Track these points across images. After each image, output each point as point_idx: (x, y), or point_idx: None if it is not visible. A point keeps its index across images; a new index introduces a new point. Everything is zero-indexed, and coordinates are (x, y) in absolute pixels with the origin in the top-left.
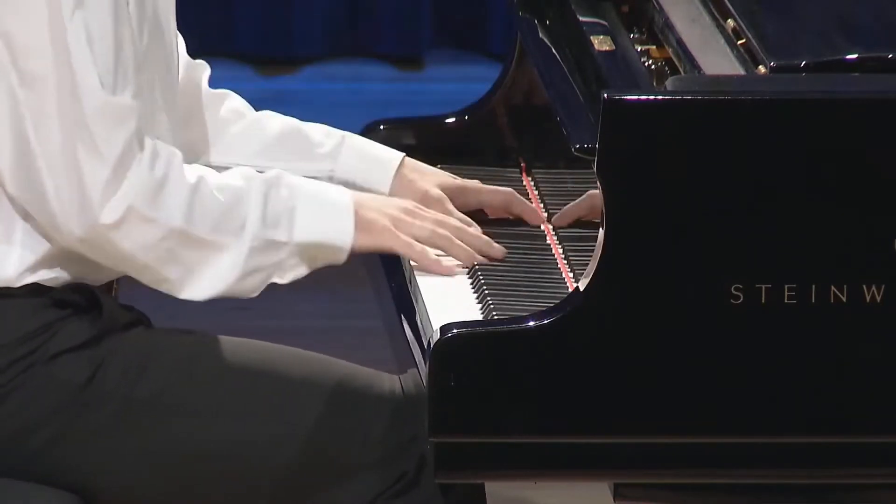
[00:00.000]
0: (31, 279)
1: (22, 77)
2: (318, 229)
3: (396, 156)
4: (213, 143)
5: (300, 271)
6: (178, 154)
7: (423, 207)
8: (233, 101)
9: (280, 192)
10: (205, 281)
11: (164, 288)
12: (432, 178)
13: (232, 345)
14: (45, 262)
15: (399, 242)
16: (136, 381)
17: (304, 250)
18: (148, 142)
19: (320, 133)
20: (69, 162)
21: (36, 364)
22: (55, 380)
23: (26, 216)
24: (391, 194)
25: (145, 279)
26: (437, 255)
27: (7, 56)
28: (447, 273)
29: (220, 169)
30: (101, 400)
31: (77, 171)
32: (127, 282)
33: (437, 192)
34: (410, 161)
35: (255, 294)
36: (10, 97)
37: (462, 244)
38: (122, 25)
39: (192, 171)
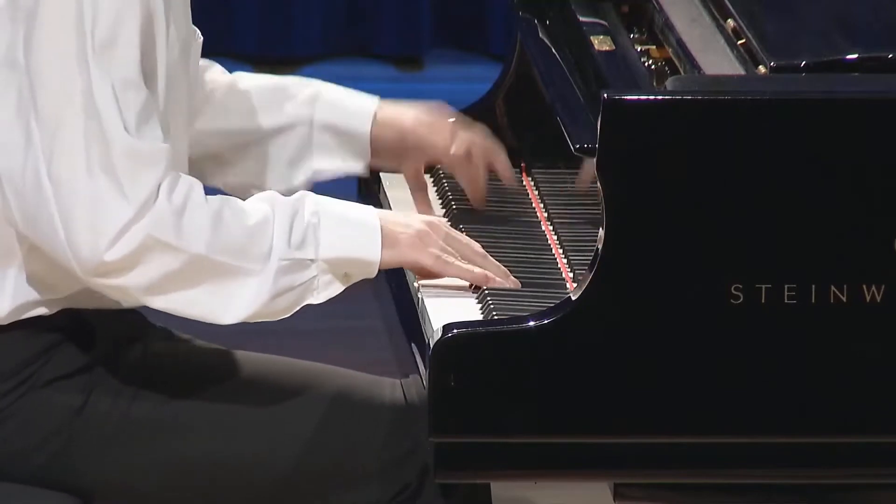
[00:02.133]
0: (23, 317)
1: (42, 117)
2: (345, 245)
3: (372, 103)
4: (200, 112)
5: (334, 289)
6: (198, 183)
7: (445, 223)
8: (212, 72)
9: (305, 210)
10: (234, 306)
11: (193, 315)
12: (407, 122)
13: (228, 357)
14: (39, 304)
15: (427, 256)
16: (132, 401)
17: (334, 266)
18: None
19: (295, 84)
20: (90, 202)
21: (30, 391)
22: (50, 405)
23: (24, 259)
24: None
25: (172, 309)
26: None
27: (29, 94)
28: (481, 281)
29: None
30: (97, 421)
31: (95, 214)
32: None
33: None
34: (384, 112)
35: (289, 314)
36: (25, 134)
37: (478, 274)
38: (145, 71)
39: (215, 199)
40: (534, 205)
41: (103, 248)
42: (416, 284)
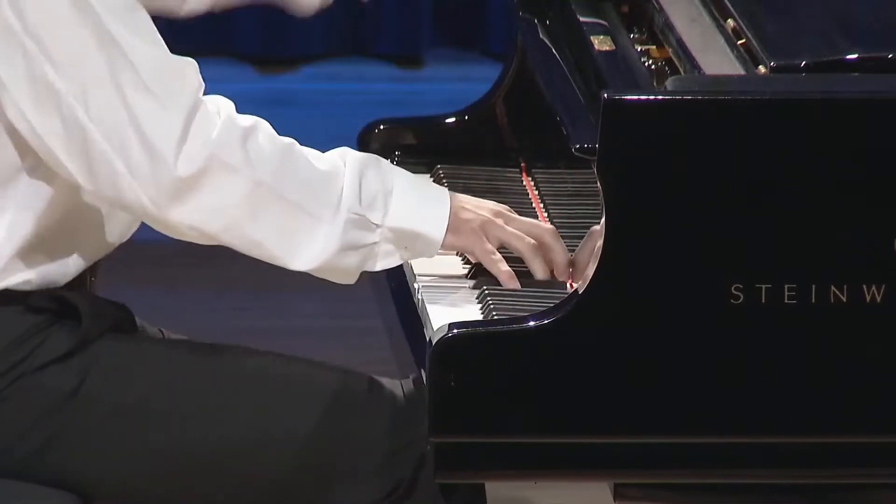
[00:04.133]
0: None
1: (60, 66)
2: (413, 217)
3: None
4: None
5: (392, 260)
6: (264, 121)
7: (513, 212)
8: None
9: (379, 174)
10: (304, 251)
11: (259, 254)
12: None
13: (225, 349)
14: (9, 268)
15: (481, 249)
16: (124, 389)
17: (397, 237)
18: (226, 102)
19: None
20: (136, 128)
21: (24, 375)
22: (43, 389)
23: (12, 220)
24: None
25: (238, 244)
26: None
27: (38, 50)
28: (515, 287)
29: None
30: (88, 406)
31: (146, 135)
32: (114, 280)
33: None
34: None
35: (353, 279)
36: (47, 90)
37: (541, 260)
38: None
39: (285, 137)
40: (534, 205)
41: (164, 169)
42: (416, 285)
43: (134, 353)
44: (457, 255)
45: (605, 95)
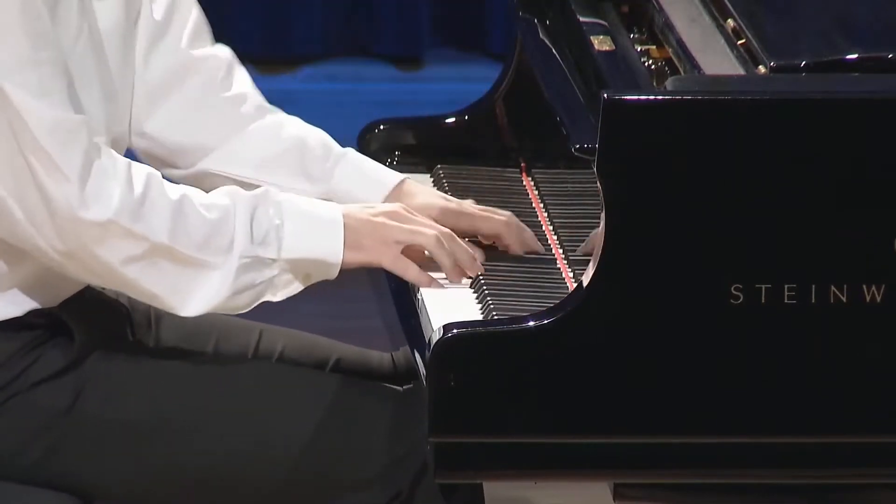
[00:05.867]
0: None
1: None
2: (307, 246)
3: (395, 177)
4: (215, 148)
5: (293, 288)
6: (157, 172)
7: (410, 210)
8: (253, 105)
9: (268, 210)
10: (195, 298)
11: (154, 304)
12: (425, 200)
13: (215, 359)
14: (8, 299)
15: (389, 260)
16: (120, 405)
17: (295, 267)
18: (122, 159)
19: (320, 149)
20: (33, 186)
21: (19, 393)
22: (37, 406)
23: None
24: None
25: (134, 294)
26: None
27: None
28: (435, 285)
29: (212, 178)
30: (84, 423)
31: (43, 193)
32: None
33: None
34: (409, 184)
35: (247, 309)
36: None
37: (446, 250)
38: (42, 40)
39: (175, 189)
40: (534, 205)
41: (70, 227)
42: (415, 284)
43: (128, 367)
44: None
45: (605, 95)
